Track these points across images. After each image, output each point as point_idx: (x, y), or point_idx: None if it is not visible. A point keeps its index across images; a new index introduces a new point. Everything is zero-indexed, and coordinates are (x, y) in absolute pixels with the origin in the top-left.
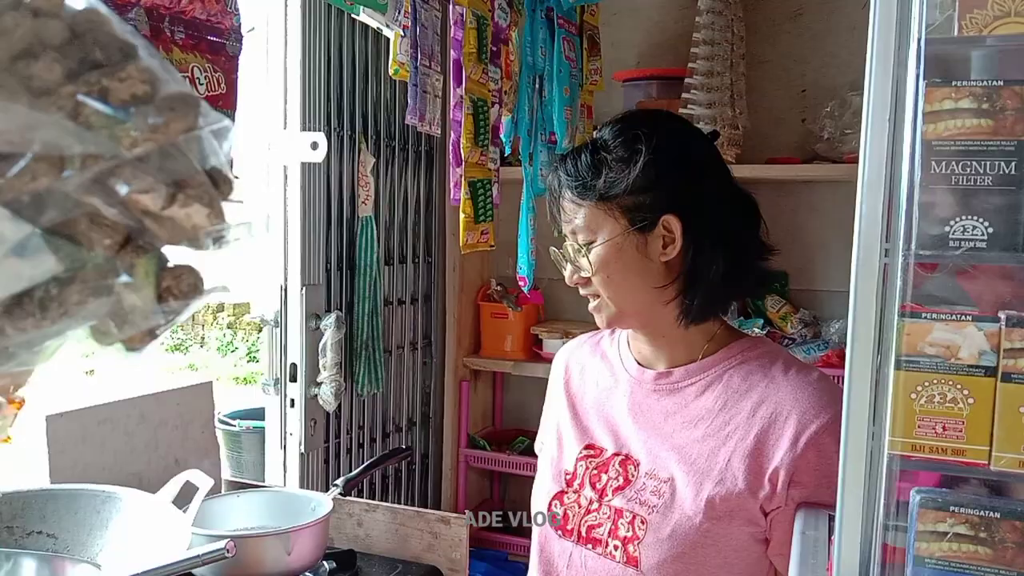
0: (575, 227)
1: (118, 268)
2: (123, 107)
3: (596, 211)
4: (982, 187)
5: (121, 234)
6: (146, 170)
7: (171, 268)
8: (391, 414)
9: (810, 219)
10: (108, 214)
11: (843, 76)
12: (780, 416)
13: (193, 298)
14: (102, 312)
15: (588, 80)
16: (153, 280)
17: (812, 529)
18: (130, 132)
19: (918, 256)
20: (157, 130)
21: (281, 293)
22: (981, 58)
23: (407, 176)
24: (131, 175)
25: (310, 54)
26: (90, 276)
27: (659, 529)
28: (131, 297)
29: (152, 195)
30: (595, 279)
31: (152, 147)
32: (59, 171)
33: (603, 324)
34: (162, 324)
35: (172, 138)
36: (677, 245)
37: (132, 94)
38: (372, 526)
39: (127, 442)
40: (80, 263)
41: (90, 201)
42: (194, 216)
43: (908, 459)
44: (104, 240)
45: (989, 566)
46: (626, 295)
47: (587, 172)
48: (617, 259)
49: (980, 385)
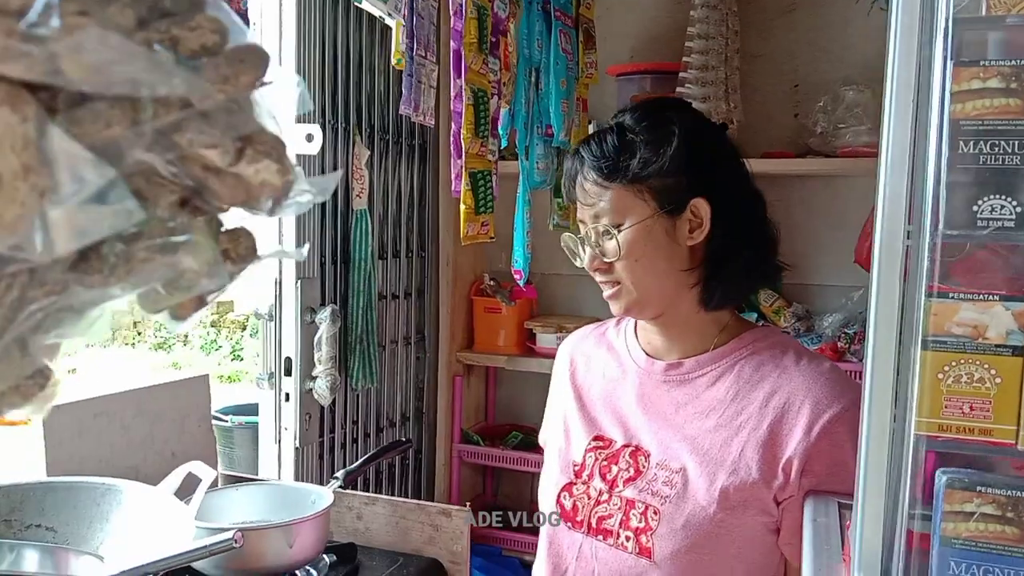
0: (599, 210)
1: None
2: (193, 57)
3: (625, 193)
4: (1010, 166)
5: (180, 194)
6: (213, 124)
7: (229, 231)
8: (385, 409)
9: (803, 213)
10: (166, 172)
11: (836, 71)
12: (793, 406)
13: (250, 261)
14: (165, 274)
15: (584, 73)
16: (213, 242)
17: (823, 516)
18: (201, 84)
19: (945, 236)
20: (227, 82)
21: (275, 287)
22: (1006, 38)
23: (401, 170)
24: (198, 129)
25: (305, 45)
26: (155, 232)
27: (673, 519)
28: (187, 259)
29: (220, 150)
30: (621, 264)
31: (221, 100)
32: (132, 120)
33: (620, 311)
34: (214, 289)
35: (241, 91)
36: (705, 229)
37: (202, 44)
38: (372, 519)
39: (124, 435)
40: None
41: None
42: (263, 172)
43: (935, 440)
44: (167, 198)
45: (1016, 546)
46: (651, 280)
47: (617, 153)
48: (646, 242)
49: (1008, 365)
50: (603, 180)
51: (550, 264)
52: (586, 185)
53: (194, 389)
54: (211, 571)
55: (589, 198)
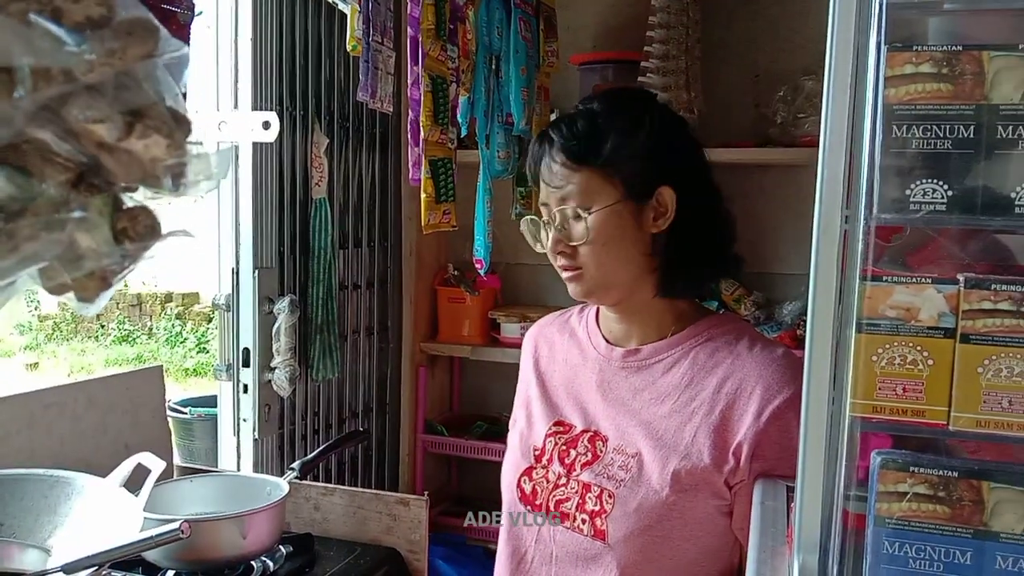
0: (566, 193)
1: (71, 203)
2: (77, 30)
3: (594, 177)
4: (941, 151)
5: (74, 172)
6: (102, 99)
7: (127, 209)
8: (347, 400)
9: (763, 203)
10: (60, 149)
11: (796, 61)
12: (744, 391)
13: (151, 240)
14: (53, 252)
15: (545, 62)
16: (108, 220)
17: (771, 499)
18: (85, 56)
19: (879, 220)
20: (114, 55)
21: (233, 276)
22: (940, 23)
23: (362, 158)
24: (86, 103)
25: (261, 32)
26: (42, 209)
27: (626, 503)
28: (84, 237)
29: (107, 125)
30: (586, 248)
31: (108, 73)
32: (9, 91)
33: (580, 295)
34: (116, 269)
35: (130, 64)
36: (669, 218)
37: (87, 16)
38: (329, 510)
39: (75, 427)
40: (31, 195)
41: (41, 136)
42: (153, 148)
43: (869, 421)
44: (58, 176)
45: (947, 524)
46: (616, 265)
47: (588, 136)
48: (614, 226)
49: (939, 347)
50: (573, 162)
51: (514, 254)
52: (554, 167)
53: (147, 380)
54: (165, 563)
55: (557, 180)
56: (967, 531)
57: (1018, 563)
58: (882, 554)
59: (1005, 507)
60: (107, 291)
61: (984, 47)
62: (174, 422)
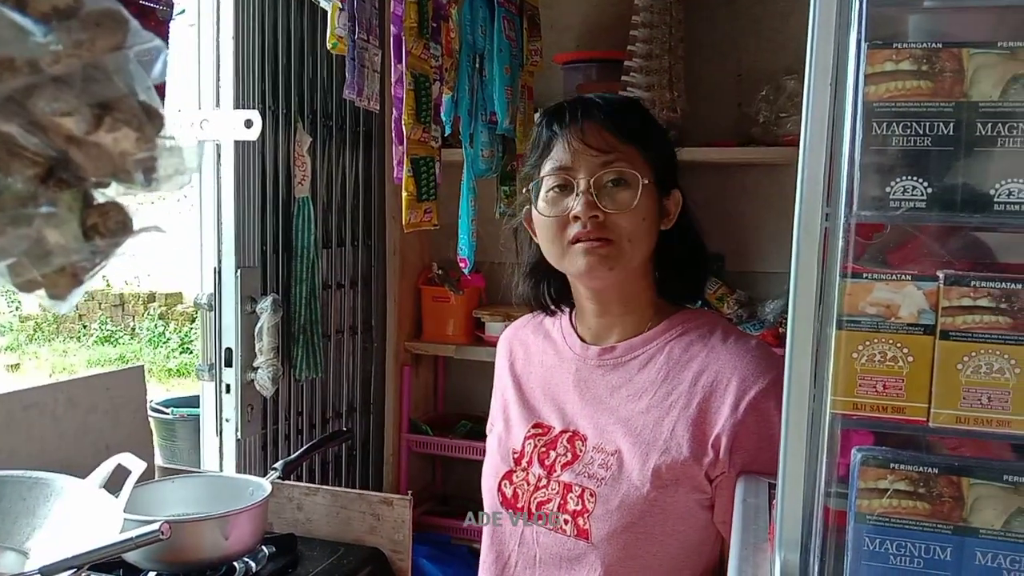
0: (611, 159)
1: (39, 198)
2: (43, 20)
3: (637, 154)
4: (921, 148)
5: (43, 166)
6: (69, 91)
7: (97, 205)
8: (331, 400)
9: (746, 202)
10: (28, 143)
11: (778, 61)
12: (721, 383)
13: (122, 236)
14: (20, 247)
15: (528, 61)
16: (77, 216)
17: (753, 496)
18: (51, 47)
19: (859, 217)
20: (81, 46)
21: (215, 276)
22: (919, 21)
23: (345, 157)
24: (52, 95)
25: (243, 29)
26: (8, 203)
27: (608, 501)
28: (52, 233)
29: (75, 118)
30: (623, 217)
31: (76, 65)
32: None
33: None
34: (87, 266)
35: (98, 56)
36: (673, 219)
37: (54, 6)
38: (312, 510)
39: (55, 428)
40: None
41: (7, 129)
42: (122, 141)
43: (849, 418)
44: (25, 170)
45: (927, 520)
46: (642, 243)
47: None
48: (651, 208)
49: (919, 343)
50: (621, 134)
51: (497, 252)
52: (603, 134)
53: (129, 380)
54: (146, 564)
55: (604, 144)
56: (947, 527)
57: (997, 559)
58: (863, 551)
59: (984, 503)
60: (79, 288)
61: (963, 44)
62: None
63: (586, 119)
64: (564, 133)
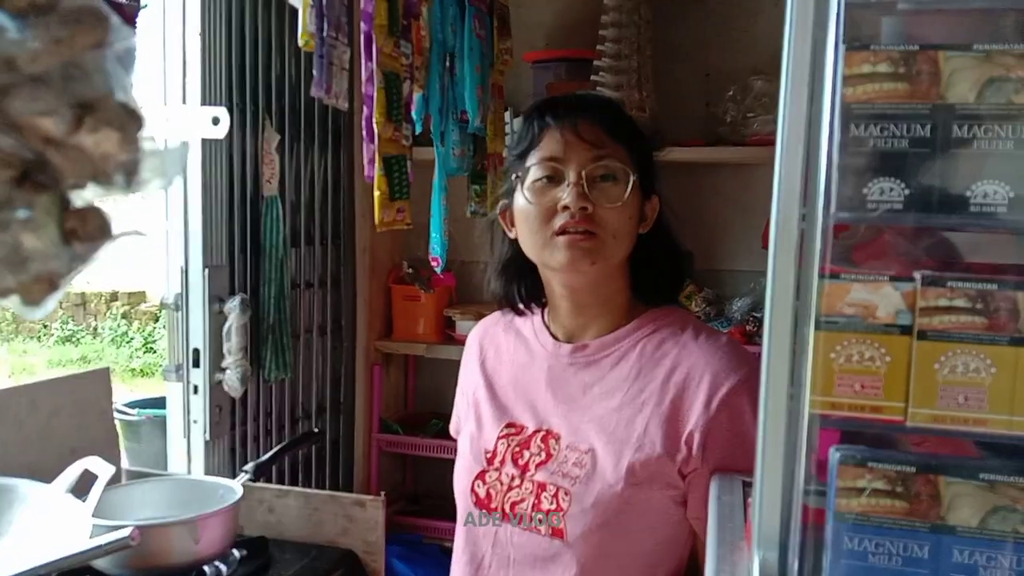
0: (603, 153)
1: (15, 202)
2: (20, 16)
3: (625, 154)
4: (899, 149)
5: (17, 168)
6: (48, 91)
7: (76, 209)
8: (300, 400)
9: (713, 201)
10: (2, 144)
11: (746, 60)
12: (693, 380)
13: (101, 241)
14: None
15: (499, 60)
16: (55, 220)
17: (727, 494)
18: (28, 45)
19: (837, 218)
20: (61, 44)
21: (182, 275)
22: (892, 24)
23: (314, 155)
24: (30, 95)
25: (210, 25)
26: None
27: (582, 499)
28: (29, 238)
29: (55, 118)
30: (612, 212)
31: (54, 63)
32: None
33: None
34: (64, 272)
35: (77, 54)
36: (650, 223)
37: (31, 2)
38: (284, 512)
39: (18, 431)
40: None
41: None
42: (104, 143)
43: (827, 417)
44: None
45: (905, 519)
46: (625, 240)
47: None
48: (636, 207)
49: (896, 343)
50: (612, 132)
51: (469, 251)
52: (595, 129)
53: (94, 382)
54: (114, 570)
55: (596, 138)
56: (924, 526)
57: (974, 556)
58: (842, 549)
59: (961, 501)
60: (54, 294)
61: (940, 47)
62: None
63: (580, 112)
64: (557, 125)
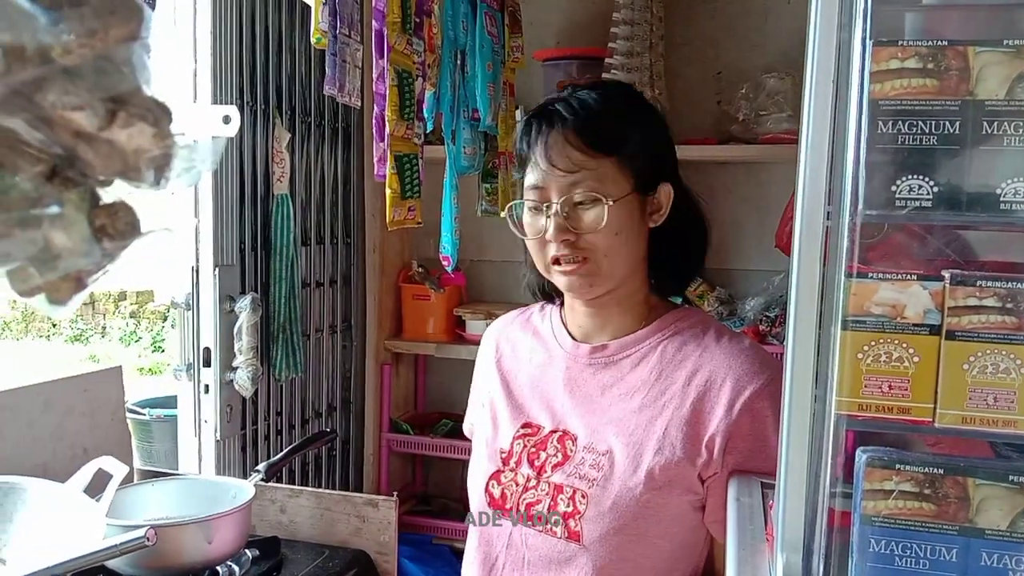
0: (578, 179)
1: (45, 198)
2: (53, 8)
3: (612, 166)
4: (927, 146)
5: (47, 164)
6: (80, 84)
7: (105, 205)
8: (310, 399)
9: (726, 200)
10: (32, 139)
11: (758, 59)
12: (715, 383)
13: (130, 238)
14: (27, 252)
15: (510, 57)
16: (85, 216)
17: (746, 496)
18: (62, 37)
19: (864, 216)
20: (94, 36)
21: (193, 274)
22: (923, 19)
23: (324, 153)
24: (63, 88)
25: (221, 24)
26: (15, 204)
27: (600, 502)
28: (59, 235)
29: (87, 112)
30: (596, 236)
31: (87, 56)
32: None
33: (578, 286)
34: (93, 270)
35: (110, 47)
36: (664, 214)
37: None
38: (296, 512)
39: (30, 431)
40: (3, 189)
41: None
42: (137, 137)
43: (854, 419)
44: (30, 168)
45: (933, 522)
46: (624, 255)
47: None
48: (626, 217)
49: (925, 344)
50: (592, 149)
51: (479, 250)
52: (568, 151)
53: (107, 381)
54: (127, 570)
55: (571, 165)
56: (953, 528)
57: (1003, 559)
58: (868, 552)
59: (990, 503)
60: (81, 293)
61: (970, 42)
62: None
63: (553, 135)
64: (534, 150)
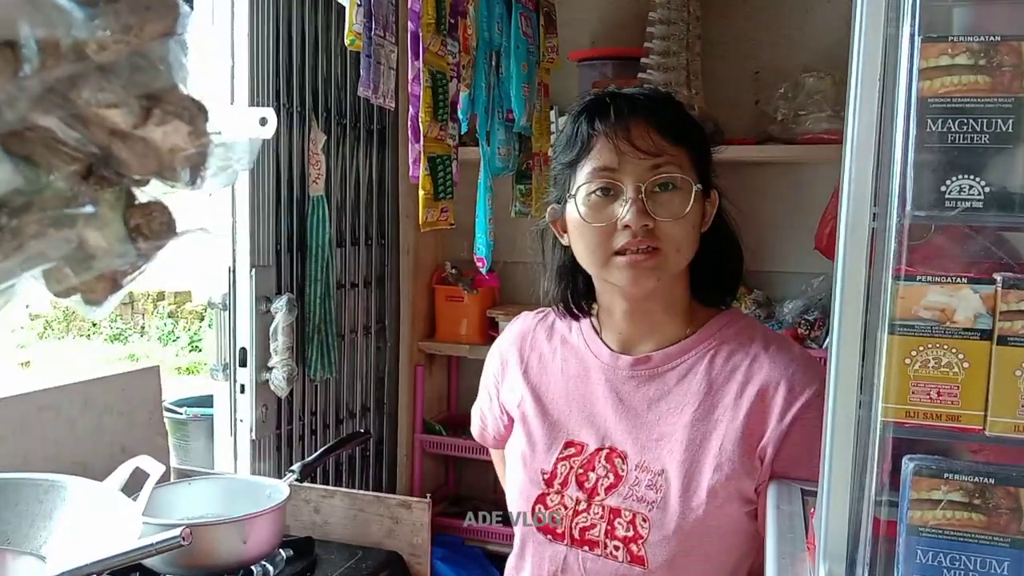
0: (661, 162)
1: (80, 197)
2: (90, 3)
3: (684, 156)
4: (978, 145)
5: (82, 163)
6: (116, 81)
7: (140, 204)
8: (344, 400)
9: (763, 200)
10: (67, 137)
11: (796, 58)
12: (767, 393)
13: (166, 238)
14: (62, 251)
15: (545, 58)
16: (120, 216)
17: (786, 503)
18: (97, 33)
19: (913, 217)
20: (130, 31)
21: (229, 275)
22: (972, 14)
23: (359, 155)
24: (98, 85)
25: (258, 27)
26: (49, 203)
27: (663, 526)
28: (94, 235)
29: (122, 110)
30: (674, 225)
31: (122, 52)
32: (14, 69)
33: (644, 279)
34: (128, 270)
35: (146, 43)
36: (710, 220)
37: None
38: (330, 512)
39: (70, 430)
40: (37, 188)
41: (46, 122)
42: (172, 135)
43: (902, 426)
44: (65, 167)
45: (983, 533)
46: (688, 250)
47: (681, 114)
48: (698, 213)
49: (976, 349)
50: (672, 135)
51: (512, 252)
52: (651, 134)
53: (144, 381)
54: (163, 568)
55: (652, 146)
56: (1004, 540)
57: None
58: (915, 563)
59: None
60: (117, 293)
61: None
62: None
63: (632, 117)
64: (608, 131)
